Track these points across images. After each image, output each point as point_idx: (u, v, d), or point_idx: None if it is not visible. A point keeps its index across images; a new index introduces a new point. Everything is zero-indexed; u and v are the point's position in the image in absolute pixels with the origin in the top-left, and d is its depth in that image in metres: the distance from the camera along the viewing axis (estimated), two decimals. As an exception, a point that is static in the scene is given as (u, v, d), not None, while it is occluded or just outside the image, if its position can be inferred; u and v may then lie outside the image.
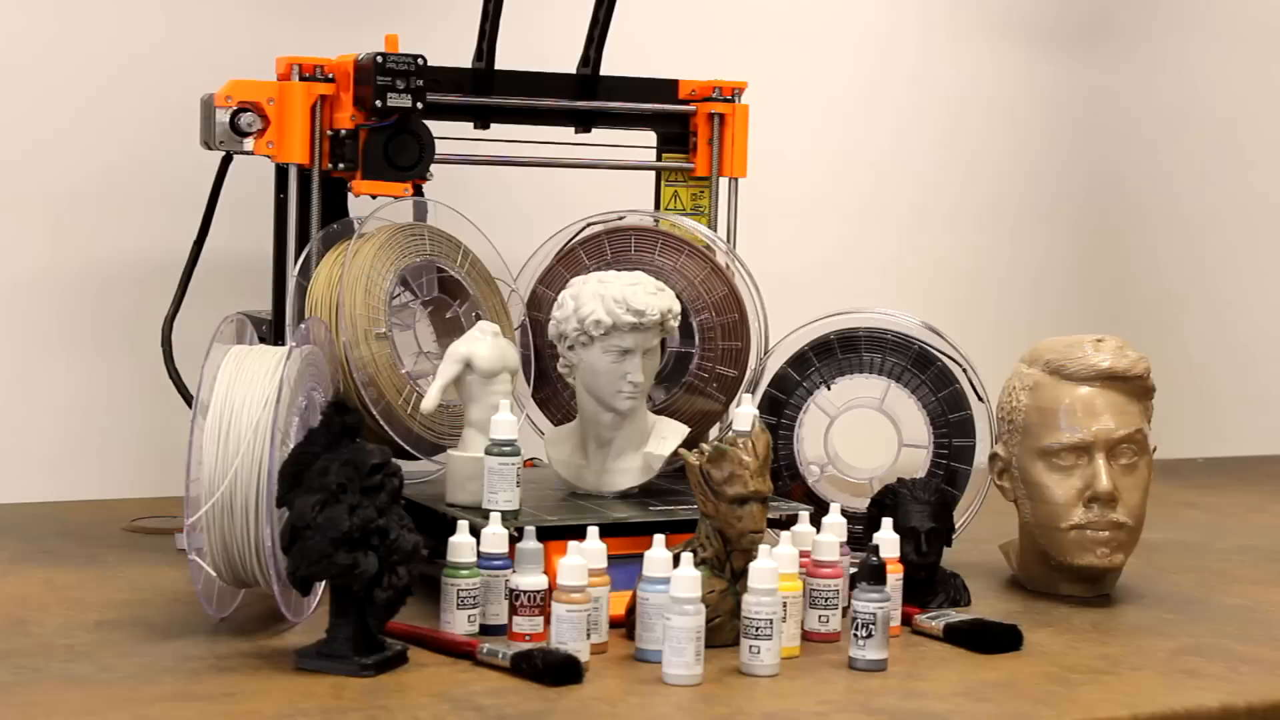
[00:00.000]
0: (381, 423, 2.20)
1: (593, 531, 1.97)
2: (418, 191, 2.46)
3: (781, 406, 2.43)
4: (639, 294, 2.18)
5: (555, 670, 1.82)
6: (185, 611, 2.05)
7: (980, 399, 2.42)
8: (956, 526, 2.39)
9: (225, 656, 1.88)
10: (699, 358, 2.41)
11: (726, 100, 2.56)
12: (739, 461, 1.97)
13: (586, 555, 1.93)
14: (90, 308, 2.72)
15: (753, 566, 1.90)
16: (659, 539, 1.94)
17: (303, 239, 2.32)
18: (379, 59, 2.24)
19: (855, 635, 1.92)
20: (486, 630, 1.99)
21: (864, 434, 2.46)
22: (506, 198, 2.70)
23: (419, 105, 2.27)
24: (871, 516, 2.22)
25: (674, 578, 1.85)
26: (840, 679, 1.89)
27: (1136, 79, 3.54)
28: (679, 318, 2.24)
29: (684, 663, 1.83)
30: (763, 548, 1.91)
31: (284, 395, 1.92)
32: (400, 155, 2.30)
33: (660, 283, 2.23)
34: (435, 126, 2.39)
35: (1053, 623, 2.17)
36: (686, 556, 1.88)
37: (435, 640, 1.94)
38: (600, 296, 2.18)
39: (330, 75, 2.30)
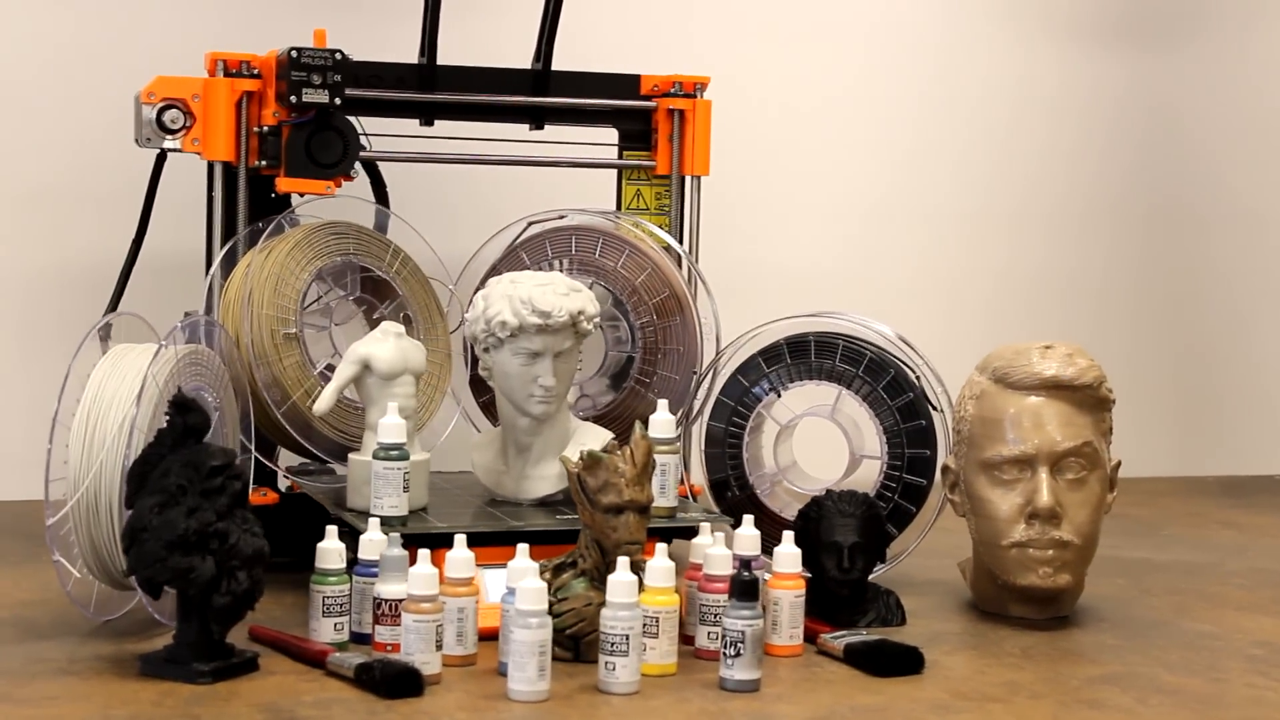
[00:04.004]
0: (285, 424, 2.15)
1: (460, 540, 1.89)
2: (380, 194, 2.42)
3: (730, 413, 2.33)
4: (547, 295, 2.09)
5: (391, 682, 1.75)
6: (76, 614, 2.01)
7: (935, 408, 2.29)
8: (912, 542, 2.28)
9: (79, 660, 1.85)
10: (640, 361, 2.33)
11: (687, 96, 2.47)
12: (614, 469, 1.88)
13: (451, 564, 1.86)
14: (50, 305, 2.73)
15: (610, 579, 1.81)
16: (523, 549, 1.86)
17: (230, 237, 2.29)
18: (294, 54, 2.20)
19: (724, 654, 1.82)
20: (360, 639, 1.93)
21: (824, 443, 2.35)
22: (460, 197, 2.64)
23: (337, 101, 2.22)
24: (799, 530, 2.12)
25: (518, 590, 1.77)
26: (701, 700, 1.78)
27: (1168, 73, 3.37)
28: (594, 320, 2.14)
29: (526, 678, 1.75)
30: (621, 560, 1.82)
31: (147, 392, 1.88)
32: (323, 152, 2.25)
33: (576, 283, 2.14)
34: (383, 124, 2.35)
35: (981, 645, 2.04)
36: (533, 567, 1.80)
37: (292, 648, 1.89)
38: (508, 297, 2.10)
39: (257, 71, 2.27)
